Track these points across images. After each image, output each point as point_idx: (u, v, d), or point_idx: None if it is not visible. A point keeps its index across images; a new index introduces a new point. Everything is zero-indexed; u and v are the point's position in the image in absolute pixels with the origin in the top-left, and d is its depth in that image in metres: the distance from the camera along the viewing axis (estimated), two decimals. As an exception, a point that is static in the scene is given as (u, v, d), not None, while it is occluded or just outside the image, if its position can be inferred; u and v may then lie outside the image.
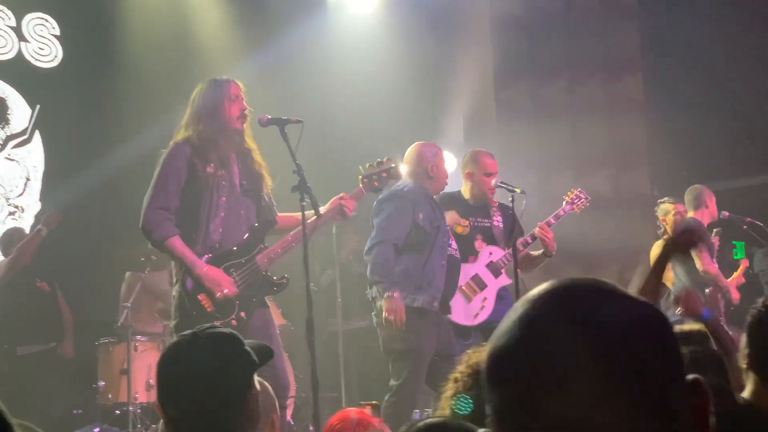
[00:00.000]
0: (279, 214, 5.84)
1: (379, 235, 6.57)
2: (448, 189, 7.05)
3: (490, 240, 7.08)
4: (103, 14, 9.77)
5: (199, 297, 5.44)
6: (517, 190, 6.90)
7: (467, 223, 7.01)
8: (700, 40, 10.09)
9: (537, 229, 7.07)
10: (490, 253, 7.04)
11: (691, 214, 8.35)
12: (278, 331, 5.98)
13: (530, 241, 7.11)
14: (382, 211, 6.64)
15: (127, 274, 8.59)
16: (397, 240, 6.55)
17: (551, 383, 1.06)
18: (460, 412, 2.56)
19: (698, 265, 7.88)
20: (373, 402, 5.65)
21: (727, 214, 8.58)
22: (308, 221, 5.50)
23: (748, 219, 8.87)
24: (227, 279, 5.49)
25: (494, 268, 7.01)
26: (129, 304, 7.86)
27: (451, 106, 10.10)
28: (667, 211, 8.82)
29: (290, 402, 7.67)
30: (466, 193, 7.13)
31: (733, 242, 9.01)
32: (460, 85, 10.04)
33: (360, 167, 6.12)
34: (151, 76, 9.49)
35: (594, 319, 1.09)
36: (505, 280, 7.00)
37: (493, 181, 6.99)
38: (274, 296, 6.58)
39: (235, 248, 5.61)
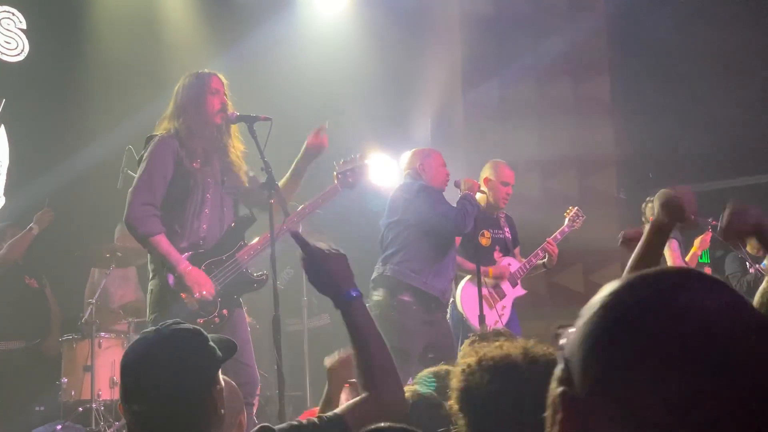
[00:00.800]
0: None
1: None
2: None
3: (505, 251, 7.53)
4: (71, 8, 9.72)
5: (182, 295, 5.41)
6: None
7: (489, 235, 7.35)
8: (667, 41, 10.14)
9: (547, 244, 7.57)
10: (509, 264, 7.46)
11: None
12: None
13: (542, 254, 7.58)
14: (427, 199, 6.74)
15: (93, 270, 8.55)
16: None
17: (645, 370, 1.01)
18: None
19: (669, 262, 7.92)
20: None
21: (692, 217, 8.60)
22: (291, 216, 5.55)
23: (714, 222, 8.90)
24: (208, 281, 5.46)
25: (512, 279, 7.43)
26: (93, 301, 7.82)
27: (418, 106, 10.09)
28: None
29: (255, 400, 7.64)
30: (481, 201, 7.28)
31: (697, 245, 9.06)
32: (428, 84, 10.04)
33: (334, 163, 6.08)
34: (119, 71, 9.46)
35: (694, 307, 1.04)
36: (520, 290, 7.47)
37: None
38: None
39: (216, 245, 5.60)
